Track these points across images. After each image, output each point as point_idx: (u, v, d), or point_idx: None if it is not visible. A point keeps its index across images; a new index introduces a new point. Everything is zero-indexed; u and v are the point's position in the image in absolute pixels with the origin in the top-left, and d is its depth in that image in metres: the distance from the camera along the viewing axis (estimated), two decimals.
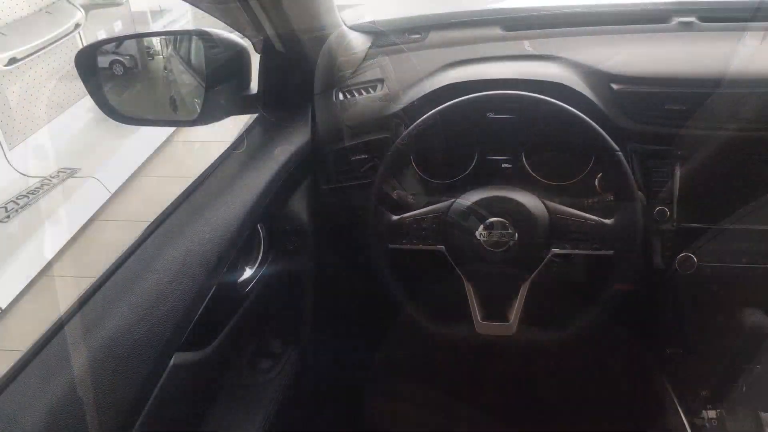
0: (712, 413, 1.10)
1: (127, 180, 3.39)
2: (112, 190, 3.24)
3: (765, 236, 1.11)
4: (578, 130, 0.99)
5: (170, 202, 0.97)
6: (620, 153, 0.98)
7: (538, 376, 1.51)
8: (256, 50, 1.19)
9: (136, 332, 0.75)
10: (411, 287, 1.06)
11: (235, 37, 1.19)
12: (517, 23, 1.44)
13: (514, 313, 1.01)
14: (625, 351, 1.37)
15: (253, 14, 1.07)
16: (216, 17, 1.16)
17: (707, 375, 1.16)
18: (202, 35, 1.15)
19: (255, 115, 1.27)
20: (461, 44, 1.41)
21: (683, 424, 1.08)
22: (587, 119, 0.99)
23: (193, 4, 1.18)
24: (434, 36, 1.45)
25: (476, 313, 1.03)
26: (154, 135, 3.79)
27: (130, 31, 3.59)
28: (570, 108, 1.00)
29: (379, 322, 1.51)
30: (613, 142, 0.98)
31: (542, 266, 1.00)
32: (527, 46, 1.36)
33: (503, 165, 1.26)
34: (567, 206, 1.06)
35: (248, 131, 1.23)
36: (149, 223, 0.92)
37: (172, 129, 3.71)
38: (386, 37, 1.46)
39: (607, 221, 0.98)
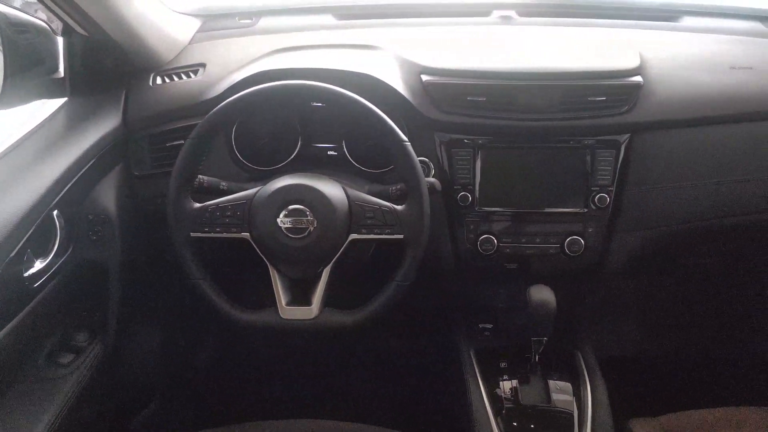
0: (508, 384, 1.17)
1: None
2: None
3: (556, 218, 1.20)
4: (371, 121, 1.02)
5: None
6: (408, 144, 1.02)
7: (350, 357, 1.56)
8: (55, 33, 1.13)
9: None
10: (217, 277, 1.06)
11: (34, 18, 1.13)
12: (348, 12, 1.46)
13: (316, 297, 1.04)
14: (438, 328, 1.44)
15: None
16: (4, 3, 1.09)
17: (506, 348, 1.24)
18: None
19: (63, 99, 1.21)
20: (292, 31, 1.42)
21: (481, 396, 1.15)
22: (377, 111, 1.01)
23: None
24: (265, 22, 1.45)
25: (280, 299, 1.04)
26: None
27: None
28: (362, 100, 1.02)
29: (190, 313, 1.50)
30: (401, 134, 1.01)
31: (342, 251, 1.03)
32: (356, 36, 1.38)
33: (329, 152, 1.27)
34: (377, 193, 1.09)
35: (52, 116, 1.17)
36: None
37: None
38: (216, 21, 1.44)
39: (398, 207, 1.02)
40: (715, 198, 1.21)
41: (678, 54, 1.29)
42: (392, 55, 1.26)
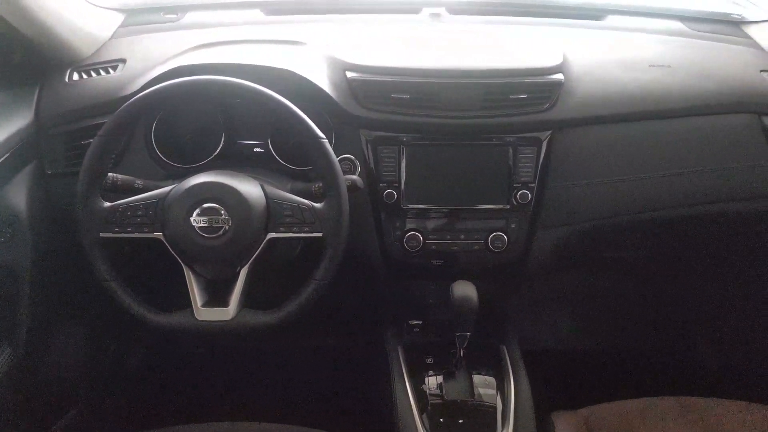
0: (434, 379, 1.18)
1: None
2: None
3: (480, 215, 1.20)
4: (287, 118, 1.01)
5: None
6: (325, 140, 1.00)
7: (279, 357, 1.55)
8: None
9: None
10: (134, 278, 1.03)
11: None
12: (276, 8, 1.44)
13: (233, 297, 1.02)
14: (368, 326, 1.44)
15: None
16: None
17: (433, 344, 1.25)
18: None
19: None
20: (219, 26, 1.39)
21: (406, 392, 1.15)
22: (293, 108, 1.00)
23: None
24: (191, 17, 1.42)
25: (196, 300, 1.02)
26: None
27: None
28: (277, 96, 1.00)
29: (119, 316, 1.47)
30: (318, 131, 1.00)
31: (260, 251, 1.01)
32: (283, 31, 1.37)
33: (255, 150, 1.25)
34: (299, 191, 1.07)
35: None
36: None
37: None
38: (139, 16, 1.41)
39: (317, 205, 1.01)
40: (641, 193, 1.23)
41: (600, 52, 1.32)
42: (318, 52, 1.25)
